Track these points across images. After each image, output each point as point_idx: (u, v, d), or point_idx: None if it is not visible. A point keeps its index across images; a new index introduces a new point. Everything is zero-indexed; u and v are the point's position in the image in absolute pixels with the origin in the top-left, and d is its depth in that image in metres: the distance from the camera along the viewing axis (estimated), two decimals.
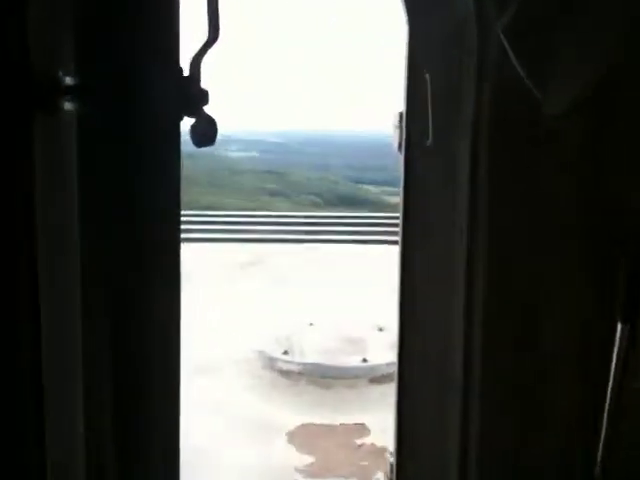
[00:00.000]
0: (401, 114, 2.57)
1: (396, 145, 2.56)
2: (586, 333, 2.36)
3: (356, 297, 8.13)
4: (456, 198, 2.53)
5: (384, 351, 5.58)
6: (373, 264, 9.93)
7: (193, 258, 10.27)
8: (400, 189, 2.68)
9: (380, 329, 6.11)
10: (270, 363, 5.57)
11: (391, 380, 5.47)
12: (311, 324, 6.32)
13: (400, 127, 2.53)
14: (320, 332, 6.06)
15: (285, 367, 5.41)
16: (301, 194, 43.12)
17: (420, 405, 2.92)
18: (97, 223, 1.52)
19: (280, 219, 15.98)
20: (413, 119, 2.58)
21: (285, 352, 5.55)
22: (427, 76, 2.42)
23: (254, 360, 5.82)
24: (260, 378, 5.54)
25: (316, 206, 35.86)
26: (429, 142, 2.38)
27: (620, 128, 2.25)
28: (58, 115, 1.40)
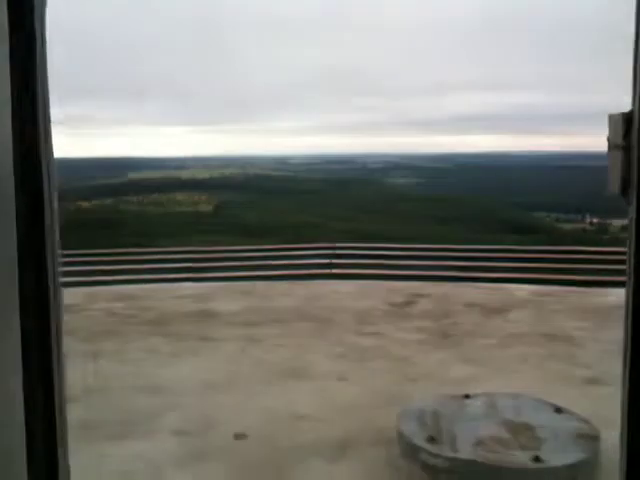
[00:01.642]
0: (628, 118, 1.28)
1: (616, 182, 1.28)
2: None
3: (526, 358, 6.68)
4: None
5: (564, 445, 4.18)
6: (553, 311, 8.38)
7: (337, 299, 9.27)
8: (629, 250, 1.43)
9: (557, 410, 4.69)
10: (411, 451, 4.36)
11: None
12: (467, 396, 5.02)
13: (626, 146, 1.25)
14: (477, 411, 4.75)
15: (430, 461, 4.18)
16: (466, 221, 41.48)
17: None
18: None
19: (443, 252, 14.58)
20: None
21: (431, 438, 4.31)
22: None
23: (394, 442, 4.64)
24: (396, 471, 4.35)
25: (479, 233, 34.00)
26: None
27: None
28: None
